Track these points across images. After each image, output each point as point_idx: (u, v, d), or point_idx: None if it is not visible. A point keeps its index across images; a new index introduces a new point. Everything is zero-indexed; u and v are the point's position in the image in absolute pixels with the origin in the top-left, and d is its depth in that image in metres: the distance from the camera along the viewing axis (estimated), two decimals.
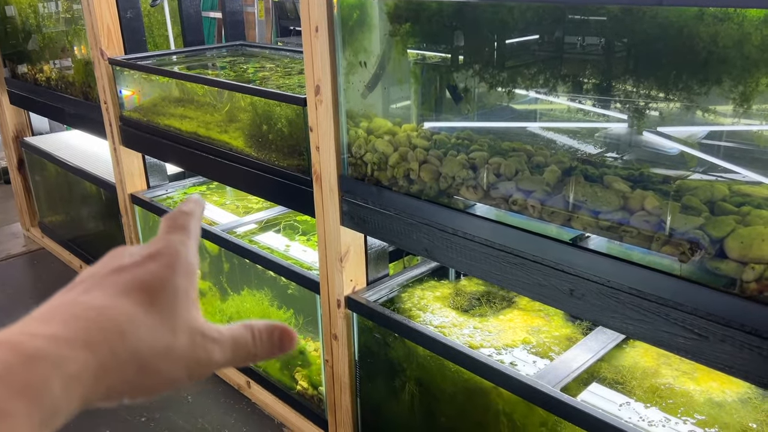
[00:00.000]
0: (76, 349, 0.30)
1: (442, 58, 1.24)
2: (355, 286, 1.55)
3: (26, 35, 2.64)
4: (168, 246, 0.38)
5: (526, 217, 1.12)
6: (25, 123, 3.10)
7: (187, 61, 2.22)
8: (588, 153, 1.12)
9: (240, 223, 2.15)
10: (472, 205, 1.19)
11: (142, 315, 0.34)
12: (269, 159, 1.62)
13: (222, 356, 0.37)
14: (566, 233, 1.06)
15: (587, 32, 1.05)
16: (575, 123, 1.14)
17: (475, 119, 1.28)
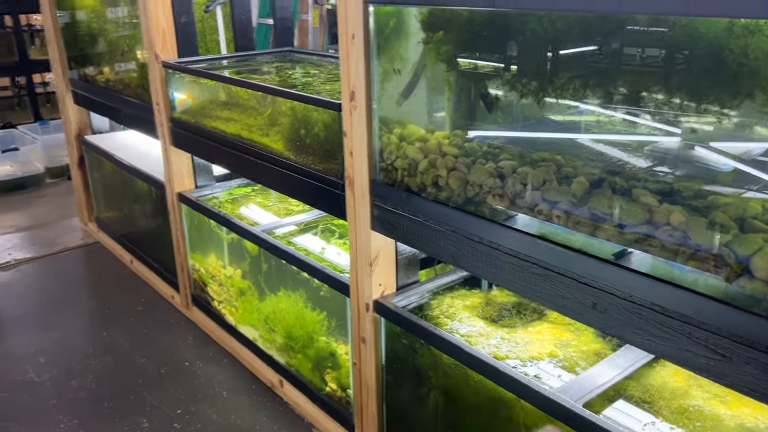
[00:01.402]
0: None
1: (475, 67, 1.25)
2: (385, 290, 1.56)
3: (90, 38, 2.77)
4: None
5: (554, 228, 1.11)
6: (86, 122, 3.24)
7: (236, 65, 2.29)
8: (619, 164, 1.10)
9: (280, 225, 2.20)
10: (499, 214, 1.19)
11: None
12: (306, 162, 1.65)
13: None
14: (605, 247, 1.04)
15: (620, 41, 1.03)
16: (608, 134, 1.12)
17: (507, 128, 1.28)
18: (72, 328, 2.53)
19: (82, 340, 2.44)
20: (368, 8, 1.31)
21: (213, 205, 2.31)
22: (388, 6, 1.28)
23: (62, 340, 2.43)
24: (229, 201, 2.40)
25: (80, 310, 2.69)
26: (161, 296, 2.73)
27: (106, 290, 2.83)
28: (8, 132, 4.53)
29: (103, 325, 2.54)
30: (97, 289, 2.88)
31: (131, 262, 2.98)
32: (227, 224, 2.11)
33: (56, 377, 2.20)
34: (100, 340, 2.43)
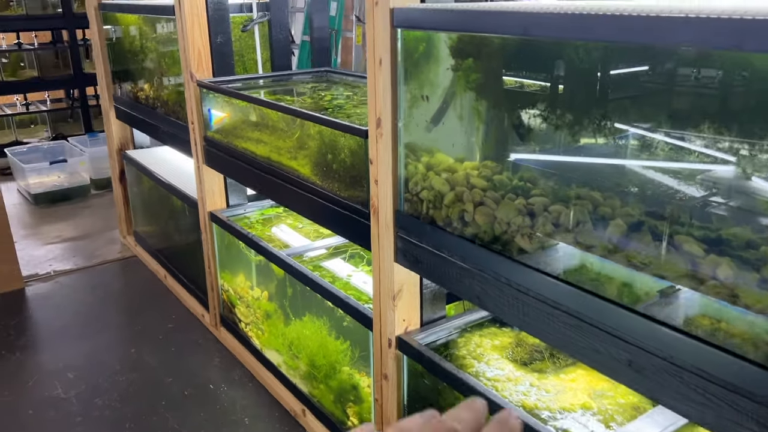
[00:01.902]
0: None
1: (506, 95, 1.17)
2: (408, 326, 1.48)
3: (132, 55, 2.80)
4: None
5: (588, 271, 1.01)
6: (129, 136, 3.29)
7: (270, 85, 2.26)
8: (663, 201, 1.00)
9: (310, 248, 2.15)
10: (528, 255, 1.10)
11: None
12: (332, 189, 1.60)
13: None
14: (649, 281, 0.94)
15: (656, 69, 0.94)
16: (650, 163, 1.03)
17: (540, 160, 1.19)
18: (102, 343, 2.53)
19: (110, 356, 2.43)
20: (396, 33, 1.24)
21: (244, 224, 2.28)
22: (417, 31, 1.22)
23: (92, 355, 2.43)
24: (260, 221, 2.37)
25: (112, 324, 2.70)
26: (192, 314, 2.72)
27: (139, 305, 2.84)
28: (59, 143, 4.65)
29: (132, 342, 2.53)
30: (131, 303, 2.89)
31: (165, 277, 2.98)
32: (254, 246, 2.07)
33: (83, 394, 2.20)
34: (128, 357, 2.42)
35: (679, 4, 0.90)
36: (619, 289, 0.95)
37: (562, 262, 1.04)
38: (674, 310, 0.91)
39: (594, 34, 0.89)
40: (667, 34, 0.80)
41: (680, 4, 0.87)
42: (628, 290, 0.94)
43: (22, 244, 3.44)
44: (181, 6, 2.11)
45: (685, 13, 0.77)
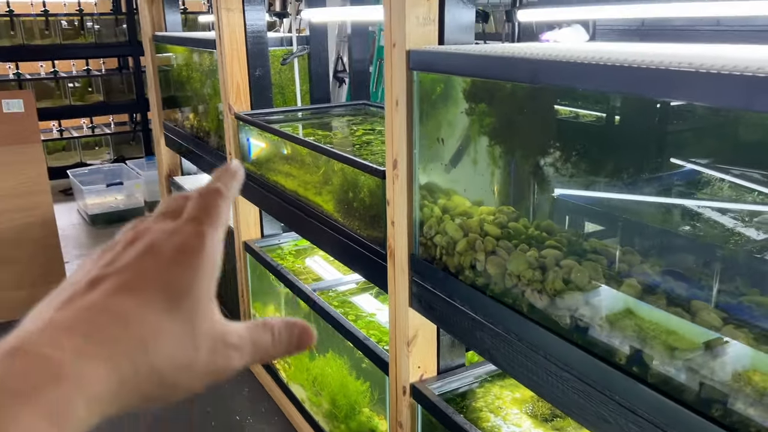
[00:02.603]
0: (99, 366, 0.29)
1: (520, 140, 1.12)
2: (424, 373, 1.43)
3: (179, 85, 2.88)
4: (196, 240, 0.34)
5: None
6: (177, 163, 3.37)
7: (307, 118, 2.27)
8: (685, 256, 0.92)
9: (340, 282, 2.12)
10: (538, 311, 1.04)
11: (165, 326, 0.32)
12: (352, 227, 1.57)
13: (241, 361, 0.35)
14: (663, 351, 0.86)
15: (677, 115, 0.88)
16: (677, 223, 0.95)
17: (557, 208, 1.13)
18: None
19: None
20: (412, 75, 1.22)
21: (276, 255, 2.28)
22: (432, 73, 1.19)
23: None
24: (293, 252, 2.36)
25: None
26: None
27: None
28: (118, 166, 4.83)
29: None
30: None
31: None
32: (281, 278, 2.06)
33: (109, 419, 2.22)
34: None
35: (705, 53, 0.84)
36: (629, 357, 0.88)
37: (573, 321, 0.97)
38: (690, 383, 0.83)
39: (600, 85, 0.83)
40: (680, 89, 0.74)
41: (704, 54, 0.81)
42: (638, 358, 0.87)
43: (75, 265, 3.56)
44: (221, 40, 2.15)
45: (698, 68, 0.71)
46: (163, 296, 0.32)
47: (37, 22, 5.06)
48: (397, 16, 1.21)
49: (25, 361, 0.27)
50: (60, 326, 0.29)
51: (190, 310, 0.33)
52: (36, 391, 0.26)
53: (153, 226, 0.35)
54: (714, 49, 0.97)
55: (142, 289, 0.32)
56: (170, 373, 0.31)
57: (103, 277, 0.32)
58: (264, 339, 0.36)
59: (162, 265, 0.33)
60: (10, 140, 2.78)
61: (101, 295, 0.31)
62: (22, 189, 2.81)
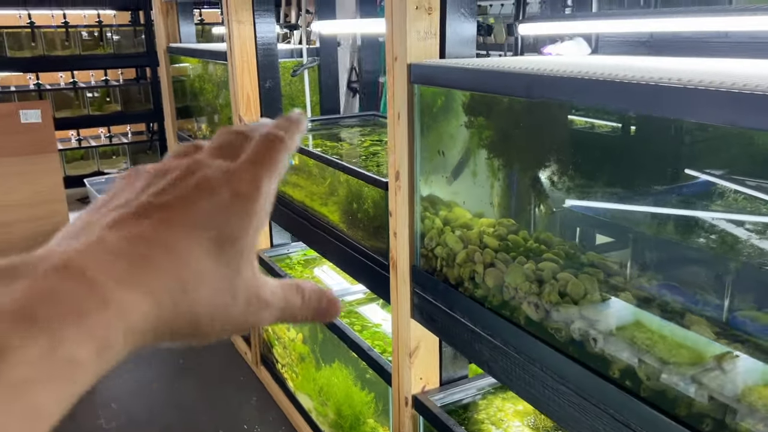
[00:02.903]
0: (141, 298, 0.28)
1: (520, 153, 1.12)
2: (426, 385, 1.43)
3: (192, 96, 2.92)
4: (252, 186, 0.33)
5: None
6: None
7: (315, 129, 2.29)
8: (684, 269, 0.92)
9: (348, 291, 2.13)
10: (535, 323, 1.04)
11: (209, 269, 0.31)
12: (356, 237, 1.58)
13: (270, 318, 0.35)
14: (656, 366, 0.86)
15: (677, 129, 0.88)
16: (677, 237, 0.95)
17: (558, 221, 1.13)
18: (147, 375, 2.60)
19: (153, 388, 2.49)
20: (413, 88, 1.23)
21: (285, 265, 2.30)
22: (432, 87, 1.20)
23: (136, 387, 2.50)
24: (301, 262, 2.38)
25: (160, 357, 2.76)
26: (237, 351, 2.75)
27: None
28: None
29: (177, 376, 2.58)
30: None
31: None
32: None
33: (122, 427, 2.25)
34: (170, 391, 2.47)
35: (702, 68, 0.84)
36: (623, 370, 0.88)
37: (568, 334, 0.97)
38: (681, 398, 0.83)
39: (593, 100, 0.84)
40: (666, 105, 0.74)
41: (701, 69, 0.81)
42: (631, 372, 0.86)
43: None
44: (232, 52, 2.18)
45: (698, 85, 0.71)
46: (212, 239, 0.31)
47: (58, 33, 5.16)
48: (398, 31, 1.22)
49: (73, 282, 0.26)
50: (108, 249, 0.28)
51: (234, 258, 0.32)
52: (83, 315, 0.25)
53: (209, 161, 0.33)
54: (715, 64, 0.97)
55: (192, 228, 0.31)
56: (205, 316, 0.31)
57: (155, 206, 0.31)
58: (294, 301, 0.36)
59: (215, 206, 0.32)
60: (27, 150, 2.83)
61: (152, 225, 0.30)
62: (38, 198, 2.86)
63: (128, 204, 0.31)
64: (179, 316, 0.30)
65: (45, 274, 0.26)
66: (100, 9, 5.32)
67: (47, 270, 0.26)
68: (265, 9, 2.18)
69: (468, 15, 1.24)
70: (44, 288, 0.25)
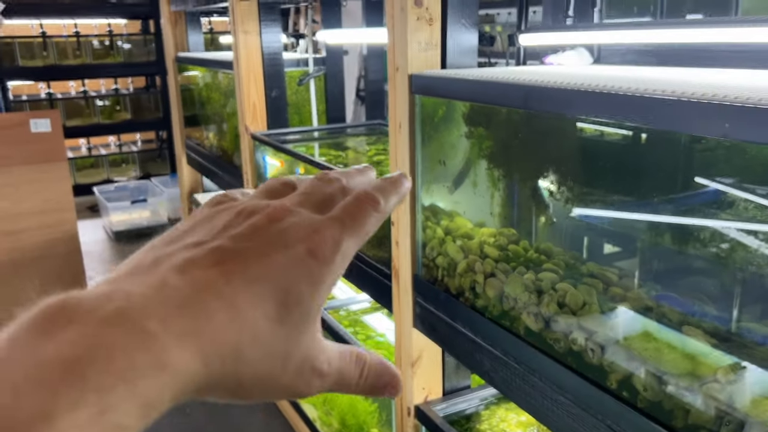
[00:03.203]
0: (194, 358, 0.26)
1: (520, 163, 1.13)
2: (428, 395, 1.43)
3: (200, 105, 2.94)
4: (332, 247, 0.30)
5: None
6: (199, 180, 3.43)
7: (321, 138, 2.31)
8: (684, 280, 0.92)
9: (353, 301, 2.14)
10: (534, 334, 1.04)
11: (266, 333, 0.28)
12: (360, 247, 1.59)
13: (320, 389, 0.32)
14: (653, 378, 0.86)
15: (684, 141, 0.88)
16: (680, 247, 0.95)
17: (559, 231, 1.13)
18: None
19: None
20: (414, 98, 1.24)
21: None
22: (433, 98, 1.21)
23: None
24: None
25: None
26: None
27: None
28: (143, 183, 4.94)
29: None
30: None
31: None
32: None
33: None
34: None
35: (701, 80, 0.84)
36: (620, 381, 0.88)
37: (567, 344, 0.97)
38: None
39: (589, 112, 0.84)
40: (668, 119, 0.74)
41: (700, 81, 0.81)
42: (628, 382, 0.86)
43: (97, 281, 3.63)
44: (238, 61, 2.20)
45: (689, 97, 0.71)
46: (278, 298, 0.29)
47: (70, 42, 5.22)
48: (399, 42, 1.23)
49: (130, 335, 0.24)
50: (171, 297, 0.26)
51: (296, 321, 0.29)
52: (136, 377, 0.23)
53: (297, 209, 0.31)
54: (717, 75, 0.98)
55: (261, 283, 0.28)
56: (248, 383, 0.29)
57: (229, 251, 0.29)
58: (351, 374, 0.33)
59: (290, 262, 0.29)
60: (37, 159, 2.87)
61: (222, 274, 0.28)
62: (47, 206, 2.89)
63: (202, 244, 0.29)
64: (225, 379, 0.27)
65: (100, 322, 0.24)
66: (110, 18, 5.38)
67: (103, 318, 0.24)
68: (272, 19, 2.20)
69: (469, 25, 1.24)
70: (98, 340, 0.23)
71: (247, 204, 0.32)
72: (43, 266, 2.91)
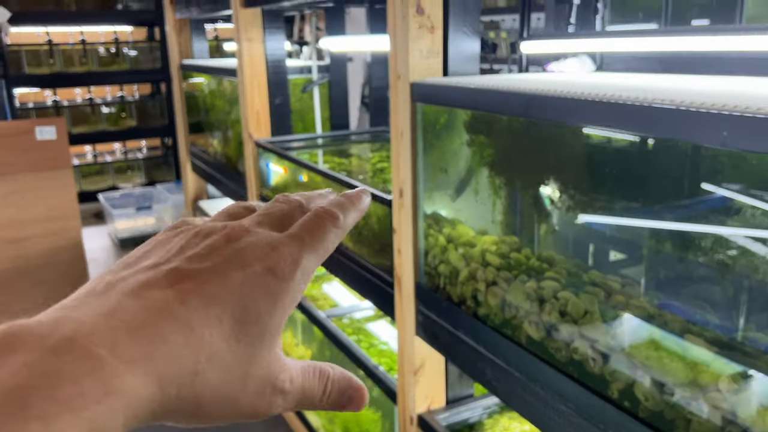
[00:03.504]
0: (148, 383, 0.25)
1: (522, 171, 1.12)
2: (431, 404, 1.42)
3: (204, 113, 2.95)
4: (291, 265, 0.30)
5: None
6: (203, 187, 3.44)
7: (326, 144, 2.31)
8: (687, 289, 0.91)
9: (357, 308, 2.14)
10: (536, 342, 1.03)
11: (224, 353, 0.28)
12: (362, 254, 1.59)
13: (283, 407, 0.31)
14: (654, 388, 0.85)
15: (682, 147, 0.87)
16: (683, 255, 0.95)
17: (560, 239, 1.13)
18: None
19: None
20: (416, 106, 1.24)
21: None
22: (435, 105, 1.21)
23: None
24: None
25: None
26: None
27: None
28: (148, 189, 4.95)
29: None
30: None
31: None
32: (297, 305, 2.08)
33: None
34: None
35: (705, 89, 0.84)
36: (622, 391, 0.87)
37: (568, 353, 0.97)
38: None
39: (590, 121, 0.84)
40: (667, 127, 0.74)
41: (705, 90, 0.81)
42: (630, 392, 0.86)
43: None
44: (242, 69, 2.21)
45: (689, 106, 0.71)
46: (236, 317, 0.28)
47: (76, 50, 5.25)
48: (401, 49, 1.23)
49: (78, 361, 0.23)
50: (124, 321, 0.26)
51: (255, 340, 0.29)
52: (83, 405, 0.23)
53: (254, 229, 0.31)
54: (720, 83, 0.97)
55: (217, 302, 0.28)
56: (208, 405, 0.28)
57: (185, 273, 0.28)
58: (315, 391, 0.32)
59: (248, 280, 0.29)
60: (42, 166, 2.88)
61: (177, 296, 0.27)
62: (52, 214, 2.90)
63: (158, 266, 0.29)
64: (182, 403, 0.27)
65: (48, 350, 0.23)
66: (116, 26, 5.41)
67: (51, 346, 0.24)
68: (276, 26, 2.21)
69: (470, 33, 1.24)
70: (44, 368, 0.23)
71: (205, 225, 0.32)
72: (47, 273, 2.92)
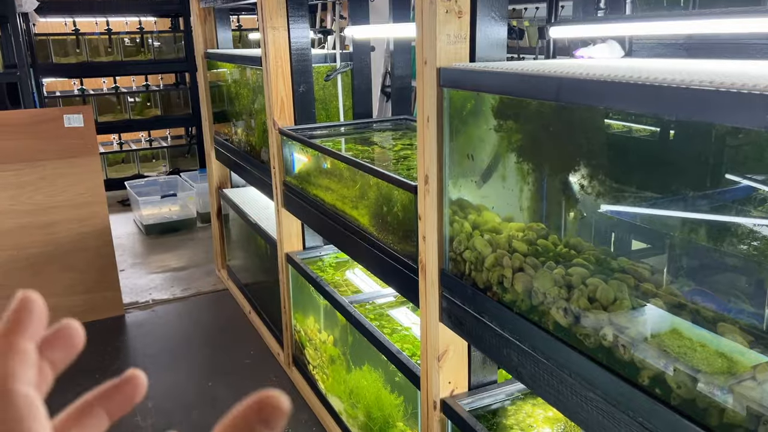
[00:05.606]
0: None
1: (550, 157, 1.11)
2: (454, 389, 1.42)
3: (229, 101, 2.97)
4: None
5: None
6: (227, 175, 3.47)
7: (348, 133, 2.31)
8: (719, 276, 0.90)
9: (378, 295, 2.14)
10: (564, 329, 1.03)
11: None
12: (386, 241, 1.59)
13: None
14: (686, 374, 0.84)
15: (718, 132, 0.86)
16: (712, 242, 0.93)
17: (588, 225, 1.12)
18: (184, 374, 2.65)
19: (188, 388, 2.54)
20: (443, 92, 1.23)
21: (317, 267, 2.32)
22: (461, 90, 1.20)
23: (172, 386, 2.55)
24: (333, 265, 2.39)
25: (195, 356, 2.82)
26: (269, 351, 2.78)
27: (222, 338, 2.95)
28: (173, 178, 5.00)
29: (210, 375, 2.62)
30: (215, 336, 3.01)
31: (249, 312, 3.08)
32: (320, 290, 2.09)
33: (157, 424, 2.30)
34: (203, 391, 2.51)
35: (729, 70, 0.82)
36: (652, 378, 0.86)
37: (597, 340, 0.96)
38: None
39: (620, 103, 0.83)
40: (699, 108, 0.73)
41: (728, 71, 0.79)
42: (661, 379, 0.85)
43: (129, 273, 3.69)
44: (266, 57, 2.21)
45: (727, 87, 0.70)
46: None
47: (102, 40, 5.31)
48: (428, 35, 1.22)
49: None
50: None
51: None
52: None
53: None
54: (749, 66, 0.95)
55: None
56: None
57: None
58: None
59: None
60: (70, 153, 2.92)
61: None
62: (80, 200, 2.94)
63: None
64: None
65: None
66: (141, 16, 5.46)
67: None
68: (300, 15, 2.21)
69: (498, 18, 1.23)
70: None
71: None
72: (76, 259, 2.97)
